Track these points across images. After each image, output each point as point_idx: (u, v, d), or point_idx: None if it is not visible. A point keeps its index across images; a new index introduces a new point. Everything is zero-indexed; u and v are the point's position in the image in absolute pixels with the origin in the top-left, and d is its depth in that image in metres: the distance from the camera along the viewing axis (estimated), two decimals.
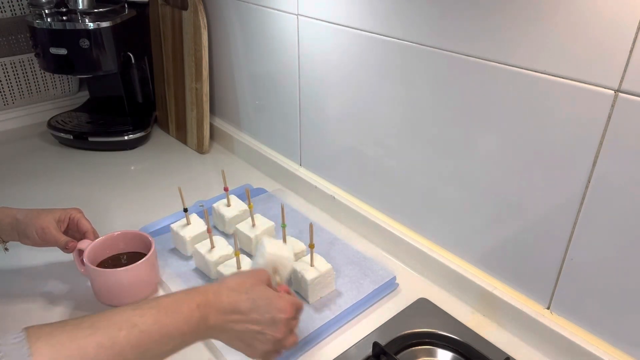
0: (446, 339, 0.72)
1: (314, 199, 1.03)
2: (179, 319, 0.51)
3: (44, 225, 0.74)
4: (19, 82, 1.35)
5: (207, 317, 0.54)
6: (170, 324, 0.50)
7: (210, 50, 1.18)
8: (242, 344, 0.58)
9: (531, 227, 0.67)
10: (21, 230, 0.75)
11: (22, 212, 0.76)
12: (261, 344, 0.58)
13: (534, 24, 0.58)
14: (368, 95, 0.83)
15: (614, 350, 0.63)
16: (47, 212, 0.76)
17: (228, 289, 0.57)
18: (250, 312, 0.56)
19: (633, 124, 0.54)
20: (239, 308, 0.56)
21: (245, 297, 0.57)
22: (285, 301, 0.60)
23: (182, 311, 0.52)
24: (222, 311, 0.55)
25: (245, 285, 0.58)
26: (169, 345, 0.50)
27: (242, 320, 0.56)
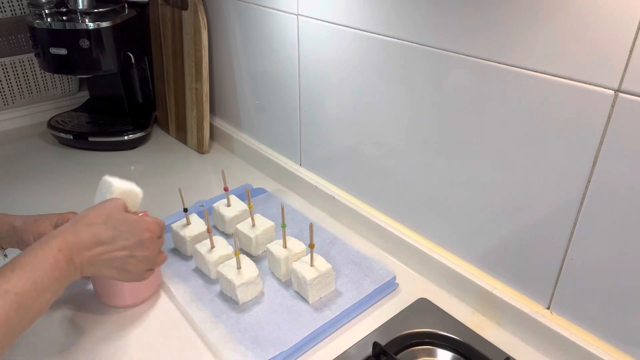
0: (446, 339, 0.72)
1: (314, 199, 1.03)
2: (47, 269, 0.52)
3: (41, 232, 0.73)
4: (19, 82, 1.35)
5: (72, 257, 0.54)
6: (40, 276, 0.51)
7: (210, 50, 1.18)
8: (115, 271, 0.59)
9: (531, 227, 0.67)
10: (19, 237, 0.74)
11: (19, 219, 0.75)
12: (134, 266, 0.59)
13: (534, 24, 0.58)
14: (368, 95, 0.83)
15: (614, 350, 0.63)
16: (44, 217, 0.75)
17: (85, 224, 0.57)
18: (114, 240, 0.57)
19: (633, 124, 0.54)
20: (101, 240, 0.56)
21: (105, 228, 0.57)
22: (148, 221, 0.61)
23: (47, 261, 0.52)
24: (85, 247, 0.55)
25: (102, 217, 0.58)
26: (48, 294, 0.52)
27: (108, 250, 0.57)
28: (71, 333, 0.72)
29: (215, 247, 0.81)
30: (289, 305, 0.77)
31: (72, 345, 0.71)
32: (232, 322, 0.74)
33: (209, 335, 0.71)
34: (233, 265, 0.77)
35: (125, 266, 0.59)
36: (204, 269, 0.82)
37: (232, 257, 0.80)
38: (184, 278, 0.82)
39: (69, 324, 0.74)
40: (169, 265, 0.85)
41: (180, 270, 0.84)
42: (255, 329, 0.72)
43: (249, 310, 0.76)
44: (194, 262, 0.85)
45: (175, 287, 0.80)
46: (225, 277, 0.76)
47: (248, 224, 0.87)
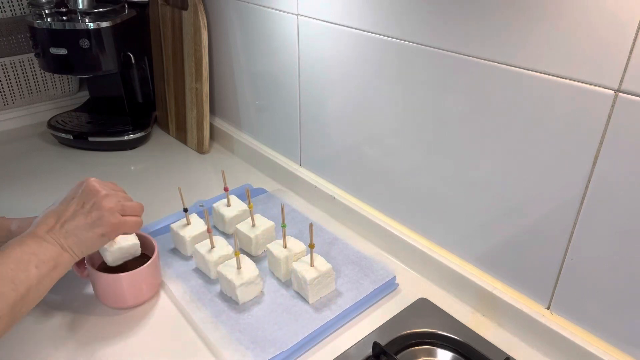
0: (446, 339, 0.72)
1: (314, 199, 1.03)
2: (15, 247, 0.57)
3: None
4: (19, 82, 1.35)
5: (37, 234, 0.59)
6: (11, 253, 0.56)
7: (210, 50, 1.18)
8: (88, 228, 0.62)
9: (531, 227, 0.67)
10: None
11: (15, 222, 0.75)
12: (98, 211, 0.63)
13: (533, 24, 0.58)
14: (368, 95, 0.83)
15: (614, 350, 0.63)
16: None
17: (41, 215, 0.63)
18: (66, 207, 0.63)
19: (633, 124, 0.54)
20: (54, 213, 0.62)
21: (54, 205, 0.64)
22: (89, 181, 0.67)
23: (15, 243, 0.58)
24: (45, 226, 0.61)
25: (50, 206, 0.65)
26: (31, 267, 0.56)
27: (66, 216, 0.62)
28: (72, 334, 0.72)
29: (215, 247, 0.81)
30: (289, 305, 0.77)
31: (73, 346, 0.71)
32: (232, 322, 0.74)
33: (209, 335, 0.71)
34: (233, 265, 0.77)
35: (91, 216, 0.63)
36: (204, 269, 0.82)
37: (232, 257, 0.80)
38: (184, 278, 0.82)
39: (69, 325, 0.74)
40: (169, 265, 0.85)
41: (180, 270, 0.84)
42: (255, 329, 0.72)
43: (249, 310, 0.76)
44: (194, 262, 0.85)
45: (175, 287, 0.80)
46: (225, 277, 0.76)
47: (248, 224, 0.87)
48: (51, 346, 0.70)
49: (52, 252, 0.58)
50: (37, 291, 0.57)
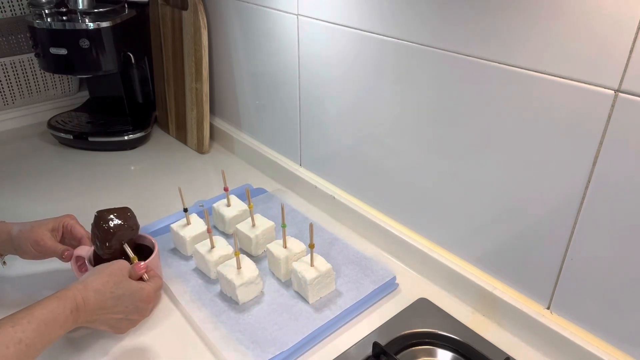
0: (446, 339, 0.72)
1: (314, 199, 1.03)
2: (57, 327, 0.58)
3: (37, 238, 0.73)
4: (19, 82, 1.35)
5: (78, 319, 0.61)
6: (50, 332, 0.57)
7: (210, 50, 1.18)
8: (106, 327, 0.66)
9: (531, 227, 0.67)
10: (17, 246, 0.75)
11: (16, 227, 0.75)
12: (125, 326, 0.68)
13: (533, 23, 0.58)
14: (368, 95, 0.83)
15: (614, 350, 0.63)
16: (40, 223, 0.75)
17: (94, 291, 0.63)
18: (115, 307, 0.65)
19: (633, 124, 0.54)
20: (105, 306, 0.64)
21: (110, 296, 0.64)
22: (148, 291, 0.69)
23: (59, 320, 0.58)
24: (91, 312, 0.62)
25: (109, 285, 0.65)
26: (50, 343, 0.58)
27: (108, 313, 0.64)
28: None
29: (215, 247, 0.81)
30: (289, 305, 0.77)
31: (73, 345, 0.71)
32: (232, 322, 0.73)
33: (209, 335, 0.71)
34: (233, 265, 0.77)
35: (119, 325, 0.67)
36: (204, 269, 0.82)
37: (232, 257, 0.80)
38: (184, 278, 0.82)
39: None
40: (169, 265, 0.85)
41: (180, 270, 0.84)
42: (255, 329, 0.72)
43: (249, 310, 0.76)
44: (193, 262, 0.85)
45: (175, 287, 0.80)
46: (225, 277, 0.76)
47: (248, 224, 0.87)
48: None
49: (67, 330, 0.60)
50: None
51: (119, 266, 0.68)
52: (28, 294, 0.80)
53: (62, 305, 0.59)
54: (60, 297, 0.60)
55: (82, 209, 1.02)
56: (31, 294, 0.80)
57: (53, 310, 0.58)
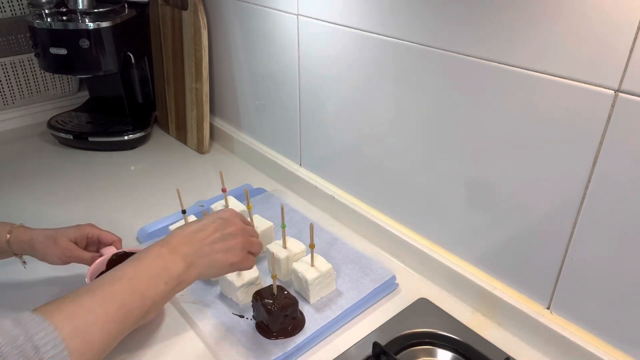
0: (446, 339, 0.72)
1: (314, 199, 1.03)
2: (153, 259, 0.57)
3: (64, 250, 0.74)
4: (19, 82, 1.35)
5: (176, 248, 0.59)
6: (148, 265, 0.56)
7: (210, 50, 1.18)
8: (222, 254, 0.62)
9: (531, 227, 0.67)
10: (39, 255, 0.75)
11: (39, 236, 0.75)
12: (233, 240, 0.64)
13: (533, 23, 0.58)
14: (368, 95, 0.83)
15: (614, 350, 0.63)
16: (61, 234, 0.75)
17: (179, 229, 0.63)
18: (205, 227, 0.63)
19: (633, 124, 0.54)
20: (194, 230, 0.62)
21: (193, 223, 0.64)
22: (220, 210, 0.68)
23: (152, 253, 0.58)
24: (184, 240, 0.61)
25: (186, 224, 0.64)
26: (160, 284, 0.56)
27: (205, 236, 0.62)
28: None
29: None
30: None
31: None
32: (233, 323, 0.73)
33: (209, 337, 0.71)
34: None
35: (227, 243, 0.63)
36: None
37: None
38: None
39: None
40: None
41: None
42: (256, 329, 0.72)
43: (249, 311, 0.76)
44: None
45: None
46: (226, 279, 0.76)
47: None
48: None
49: (182, 269, 0.58)
50: (158, 307, 0.58)
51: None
52: (54, 293, 0.80)
53: (152, 246, 0.60)
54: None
55: (82, 209, 1.03)
56: (57, 292, 0.80)
57: (145, 251, 0.59)
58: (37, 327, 0.44)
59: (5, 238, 0.74)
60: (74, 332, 0.46)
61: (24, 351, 0.42)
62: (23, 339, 0.43)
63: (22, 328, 0.44)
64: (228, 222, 0.65)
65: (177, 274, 0.57)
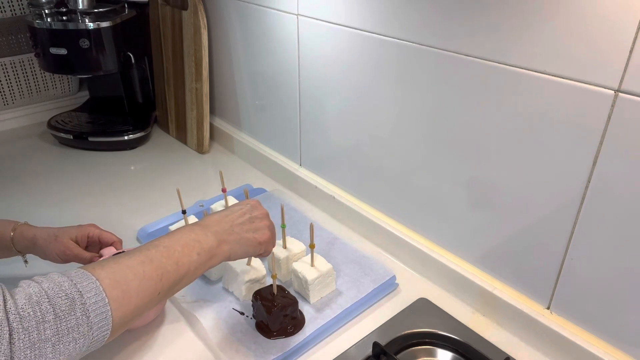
0: (446, 339, 0.72)
1: (314, 199, 1.03)
2: (185, 232, 0.61)
3: (63, 248, 0.75)
4: (19, 82, 1.35)
5: (207, 227, 0.63)
6: (181, 237, 0.60)
7: (210, 50, 1.18)
8: (251, 232, 0.67)
9: (531, 227, 0.67)
10: (40, 253, 0.76)
11: (41, 234, 0.76)
12: (260, 222, 0.68)
13: (533, 23, 0.58)
14: (368, 95, 0.83)
15: (614, 350, 0.63)
16: (63, 233, 0.76)
17: (206, 217, 0.66)
18: (233, 212, 0.68)
19: (633, 124, 0.54)
20: (223, 214, 0.67)
21: (221, 210, 0.68)
22: (246, 200, 0.72)
23: (184, 230, 0.62)
24: (214, 221, 0.65)
25: (215, 212, 0.69)
26: (193, 254, 0.59)
27: (234, 218, 0.66)
28: None
29: None
30: None
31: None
32: (234, 322, 0.73)
33: (209, 336, 0.71)
34: (244, 260, 0.77)
35: (255, 224, 0.68)
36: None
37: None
38: None
39: None
40: None
41: None
42: (256, 329, 0.72)
43: (250, 310, 0.76)
44: None
45: None
46: (233, 271, 0.76)
47: None
48: None
49: (213, 243, 0.62)
50: (192, 276, 0.60)
51: None
52: None
53: (183, 227, 0.63)
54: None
55: (82, 209, 1.03)
56: None
57: (175, 230, 0.62)
58: (81, 276, 0.49)
59: (10, 235, 0.75)
60: (114, 284, 0.50)
61: (70, 294, 0.46)
62: (68, 285, 0.47)
63: (67, 277, 0.48)
64: (254, 208, 0.70)
65: (209, 246, 0.61)
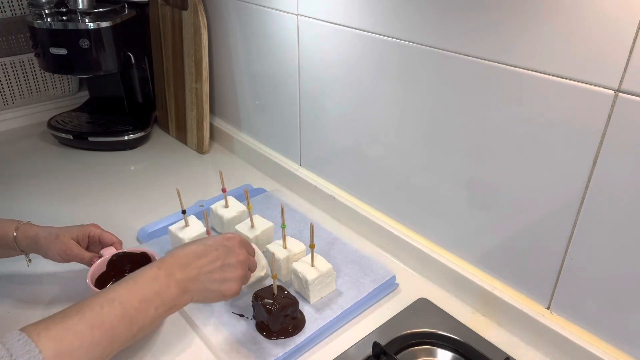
0: (446, 339, 0.72)
1: (314, 199, 1.03)
2: (147, 281, 0.57)
3: (64, 247, 0.75)
4: (19, 82, 1.35)
5: (172, 273, 0.59)
6: (141, 288, 0.56)
7: (210, 50, 1.18)
8: (217, 284, 0.62)
9: (531, 227, 0.67)
10: (42, 252, 0.76)
11: (42, 232, 0.76)
12: (231, 273, 0.63)
13: (533, 23, 0.58)
14: (368, 95, 0.83)
15: (614, 350, 0.63)
16: (64, 232, 0.76)
17: (180, 248, 0.63)
18: (207, 253, 0.62)
19: (633, 124, 0.54)
20: (195, 253, 0.62)
21: (197, 245, 0.63)
22: (225, 234, 0.67)
23: (148, 275, 0.57)
24: (183, 264, 0.60)
25: (192, 242, 0.64)
26: (151, 309, 0.56)
27: (204, 263, 0.61)
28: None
29: None
30: None
31: None
32: (234, 322, 0.74)
33: (210, 338, 0.71)
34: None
35: (225, 274, 0.63)
36: None
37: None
38: None
39: None
40: None
41: None
42: (256, 329, 0.72)
43: (250, 311, 0.76)
44: None
45: None
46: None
47: (247, 225, 0.87)
48: None
49: (175, 295, 0.58)
50: (145, 331, 0.57)
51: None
52: (55, 292, 0.80)
53: (148, 267, 0.59)
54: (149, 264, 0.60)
55: (82, 209, 1.03)
56: (58, 291, 0.80)
57: (140, 271, 0.58)
58: (22, 349, 0.45)
59: (13, 234, 0.75)
60: (58, 356, 0.47)
61: None
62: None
63: (7, 349, 0.45)
64: (231, 252, 0.64)
65: (170, 299, 0.57)
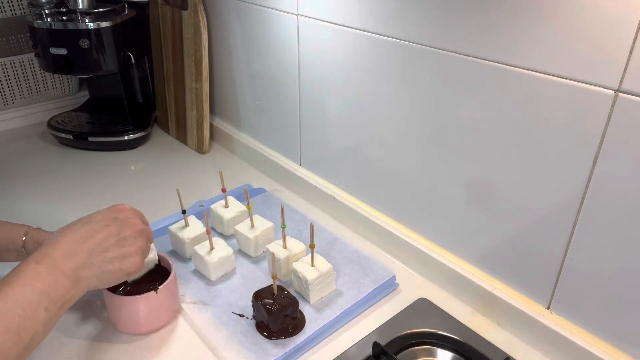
0: (446, 339, 0.72)
1: (314, 199, 1.03)
2: (27, 282, 0.48)
3: None
4: (19, 82, 1.35)
5: (56, 265, 0.50)
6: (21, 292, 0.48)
7: (210, 50, 1.18)
8: (117, 264, 0.54)
9: (531, 227, 0.67)
10: None
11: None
12: (131, 246, 0.55)
13: (534, 23, 0.58)
14: (368, 95, 0.83)
15: (614, 350, 0.63)
16: None
17: (59, 233, 0.54)
18: (96, 232, 0.53)
19: (633, 124, 0.54)
20: (80, 236, 0.53)
21: (80, 226, 0.54)
22: (114, 205, 0.58)
23: (26, 274, 0.49)
24: (66, 252, 0.52)
25: (73, 223, 0.55)
26: (39, 312, 0.48)
27: (95, 243, 0.53)
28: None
29: (215, 249, 0.81)
30: None
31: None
32: (234, 322, 0.74)
33: (210, 337, 0.71)
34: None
35: (123, 250, 0.55)
36: (204, 271, 0.82)
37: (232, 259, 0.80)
38: (184, 280, 0.82)
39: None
40: None
41: (179, 272, 0.84)
42: (256, 329, 0.72)
43: (250, 311, 0.76)
44: (192, 264, 0.85)
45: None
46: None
47: (247, 225, 0.87)
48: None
49: (66, 287, 0.50)
50: (42, 336, 0.50)
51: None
52: None
53: (24, 263, 0.50)
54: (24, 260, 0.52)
55: (82, 209, 1.02)
56: None
57: (15, 272, 0.50)
58: None
59: (22, 239, 0.72)
60: None
61: None
62: None
63: None
64: (125, 224, 0.56)
65: (60, 295, 0.49)
